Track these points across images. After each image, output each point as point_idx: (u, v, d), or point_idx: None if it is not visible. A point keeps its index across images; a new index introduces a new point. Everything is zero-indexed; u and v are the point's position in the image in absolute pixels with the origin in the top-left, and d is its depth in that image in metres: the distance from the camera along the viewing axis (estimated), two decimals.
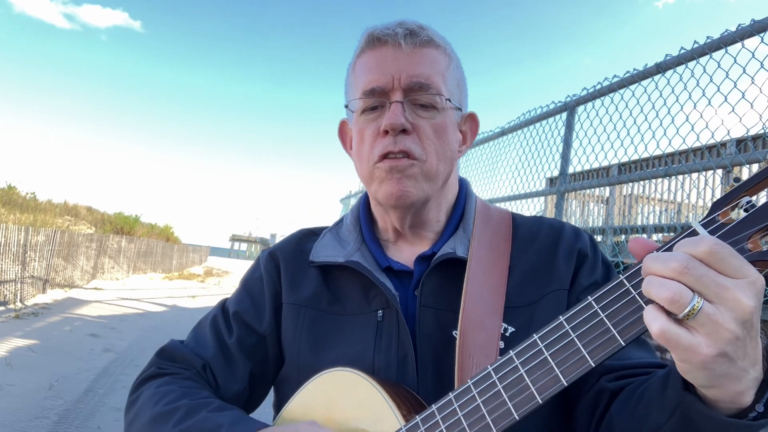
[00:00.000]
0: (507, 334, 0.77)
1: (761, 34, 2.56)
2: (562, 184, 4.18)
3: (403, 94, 0.80)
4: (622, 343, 0.52)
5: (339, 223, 0.97)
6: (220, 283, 20.66)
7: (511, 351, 0.59)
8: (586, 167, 4.03)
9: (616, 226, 5.56)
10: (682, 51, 3.03)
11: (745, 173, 4.43)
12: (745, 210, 0.51)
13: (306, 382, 0.79)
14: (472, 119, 0.91)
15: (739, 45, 2.69)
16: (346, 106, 0.88)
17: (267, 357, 0.89)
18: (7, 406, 4.19)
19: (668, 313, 0.48)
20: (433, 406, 0.63)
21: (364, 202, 0.96)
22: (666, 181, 4.27)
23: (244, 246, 76.73)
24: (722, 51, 2.78)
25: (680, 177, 4.13)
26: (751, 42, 2.64)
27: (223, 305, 0.95)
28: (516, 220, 0.91)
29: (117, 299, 11.91)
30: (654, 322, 0.49)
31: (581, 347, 0.54)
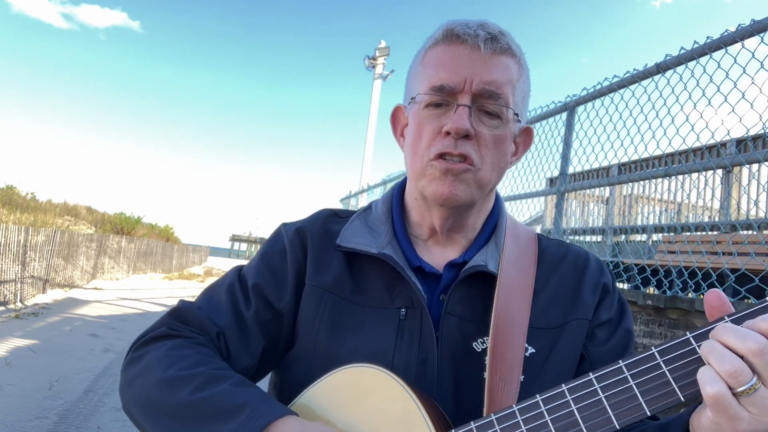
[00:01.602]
0: (527, 354, 0.77)
1: (761, 34, 2.56)
2: (562, 184, 4.18)
3: (472, 98, 0.78)
4: (681, 398, 0.54)
5: (367, 209, 0.95)
6: None
7: (563, 385, 0.60)
8: (586, 167, 4.04)
9: (616, 226, 5.56)
10: (682, 51, 3.03)
11: (745, 173, 4.43)
12: None
13: (328, 371, 0.75)
14: (527, 133, 0.90)
15: (739, 45, 2.69)
16: (413, 98, 0.85)
17: (280, 335, 0.86)
18: (7, 406, 4.19)
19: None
20: (471, 424, 0.63)
21: (399, 194, 0.93)
22: (666, 181, 4.27)
23: (244, 246, 76.64)
24: (722, 51, 2.78)
25: (680, 177, 4.13)
26: (751, 42, 2.64)
27: (239, 273, 0.90)
28: (542, 242, 0.91)
29: (117, 299, 11.90)
30: (712, 384, 0.51)
31: (638, 394, 0.55)
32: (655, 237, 5.35)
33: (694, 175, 3.56)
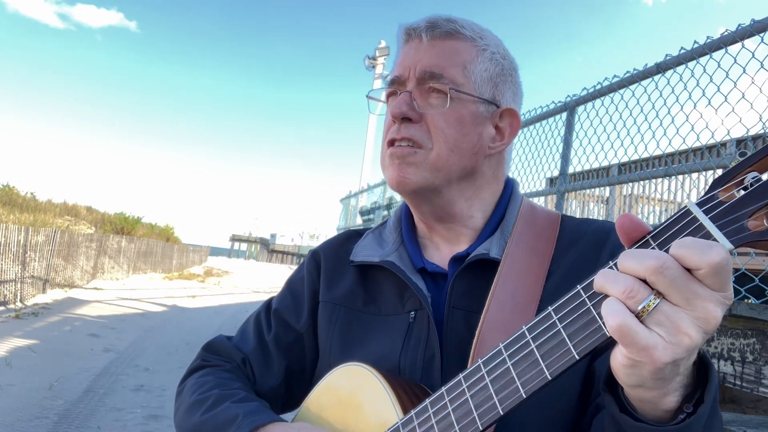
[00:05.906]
0: None
1: (761, 34, 2.56)
2: (562, 184, 4.18)
3: (416, 83, 0.81)
4: (576, 356, 0.50)
5: (384, 224, 0.98)
6: (220, 283, 20.65)
7: (500, 343, 0.58)
8: (586, 167, 4.03)
9: None
10: (682, 51, 3.03)
11: None
12: (751, 185, 0.45)
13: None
14: (511, 115, 0.86)
15: (739, 45, 2.70)
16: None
17: (304, 354, 0.92)
18: (7, 406, 4.19)
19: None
20: (426, 400, 0.64)
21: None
22: (666, 181, 4.27)
23: (244, 246, 76.57)
24: (722, 51, 2.78)
25: (680, 177, 4.12)
26: (751, 42, 2.64)
27: (268, 303, 0.99)
28: (564, 222, 0.87)
29: (117, 299, 11.90)
30: (612, 314, 0.45)
31: (539, 358, 0.53)
32: None
33: (694, 175, 3.55)
